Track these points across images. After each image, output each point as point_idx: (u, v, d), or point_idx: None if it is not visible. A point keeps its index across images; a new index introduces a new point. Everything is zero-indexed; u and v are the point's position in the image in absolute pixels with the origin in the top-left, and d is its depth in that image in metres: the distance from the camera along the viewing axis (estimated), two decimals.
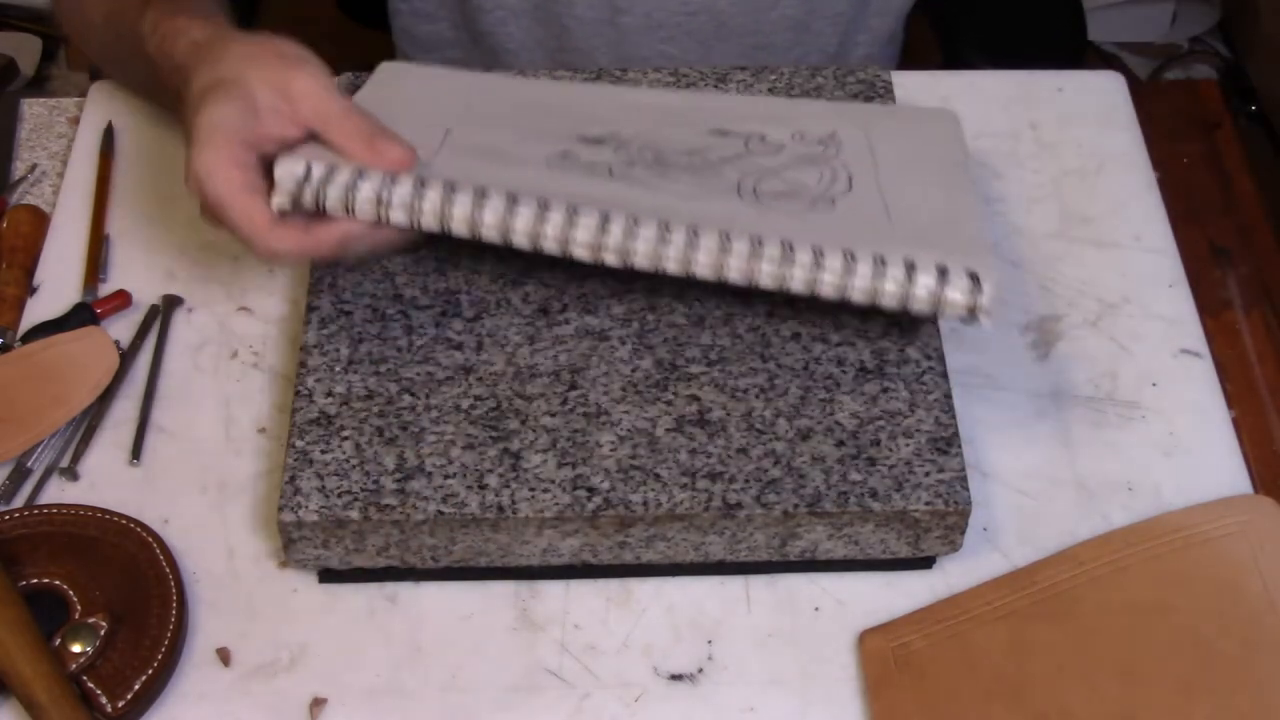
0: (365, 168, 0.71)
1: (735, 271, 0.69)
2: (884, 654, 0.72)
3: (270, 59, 0.72)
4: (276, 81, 0.71)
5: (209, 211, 0.71)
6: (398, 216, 0.71)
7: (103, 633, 0.69)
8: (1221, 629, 0.72)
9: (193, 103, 0.72)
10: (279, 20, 0.83)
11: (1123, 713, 0.69)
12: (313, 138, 0.72)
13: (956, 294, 0.69)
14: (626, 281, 0.79)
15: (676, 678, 0.71)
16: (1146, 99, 0.97)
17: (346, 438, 0.73)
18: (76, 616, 0.70)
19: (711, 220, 0.70)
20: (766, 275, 0.69)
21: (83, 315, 0.83)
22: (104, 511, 0.75)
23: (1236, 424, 0.81)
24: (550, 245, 0.70)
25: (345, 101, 0.73)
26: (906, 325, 0.77)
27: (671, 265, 0.70)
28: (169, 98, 0.77)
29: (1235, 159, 0.95)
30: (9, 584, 0.68)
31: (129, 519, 0.75)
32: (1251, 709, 0.70)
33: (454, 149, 0.76)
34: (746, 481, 0.72)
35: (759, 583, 0.74)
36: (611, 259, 0.70)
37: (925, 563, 0.75)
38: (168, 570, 0.73)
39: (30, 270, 0.87)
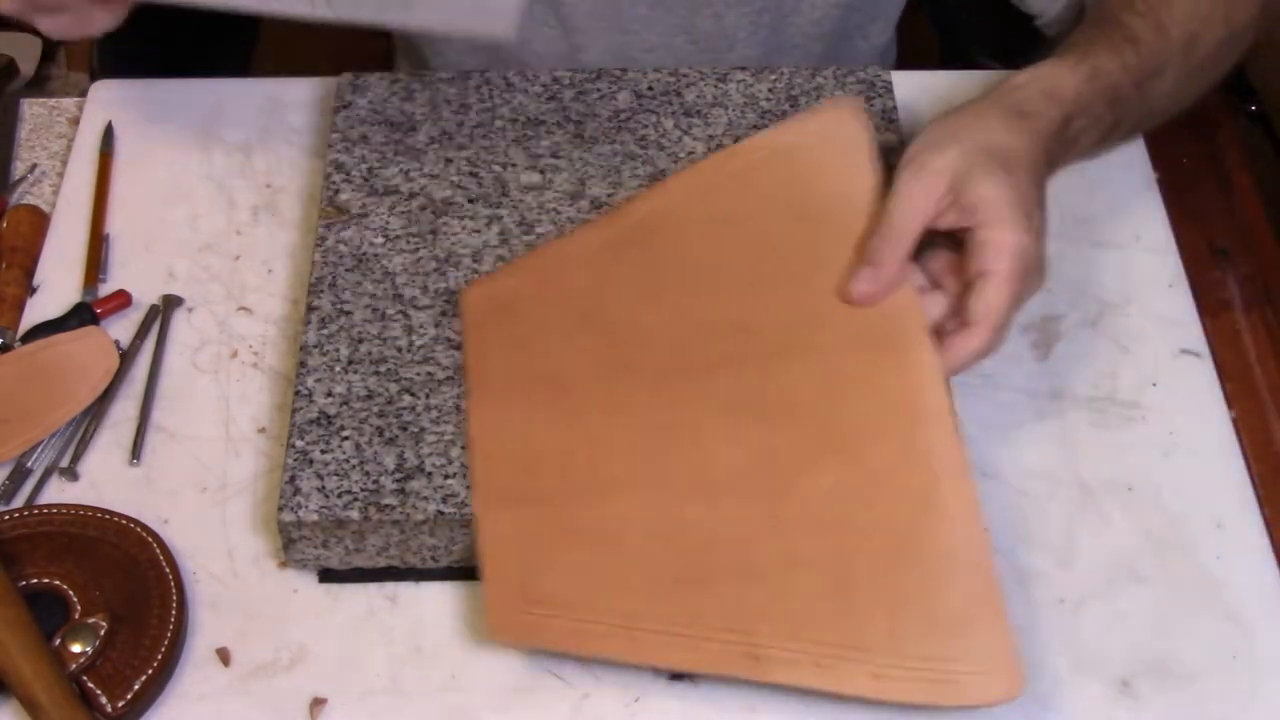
0: None
1: None
2: (481, 302, 0.75)
3: None
4: None
5: None
6: None
7: (103, 633, 0.69)
8: (792, 228, 0.75)
9: None
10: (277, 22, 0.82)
11: (689, 315, 0.73)
12: None
13: None
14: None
15: (676, 678, 0.71)
16: None
17: (346, 438, 0.73)
18: (76, 616, 0.70)
19: None
20: None
21: (83, 315, 0.83)
22: (104, 511, 0.75)
23: (1236, 424, 0.81)
24: None
25: None
26: None
27: None
28: None
29: (1235, 159, 0.95)
30: (9, 584, 0.68)
31: (129, 519, 0.75)
32: (816, 299, 0.72)
33: None
34: None
35: None
36: None
37: None
38: (168, 570, 0.73)
39: (30, 270, 0.87)
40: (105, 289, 0.86)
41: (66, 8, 0.75)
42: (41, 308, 0.85)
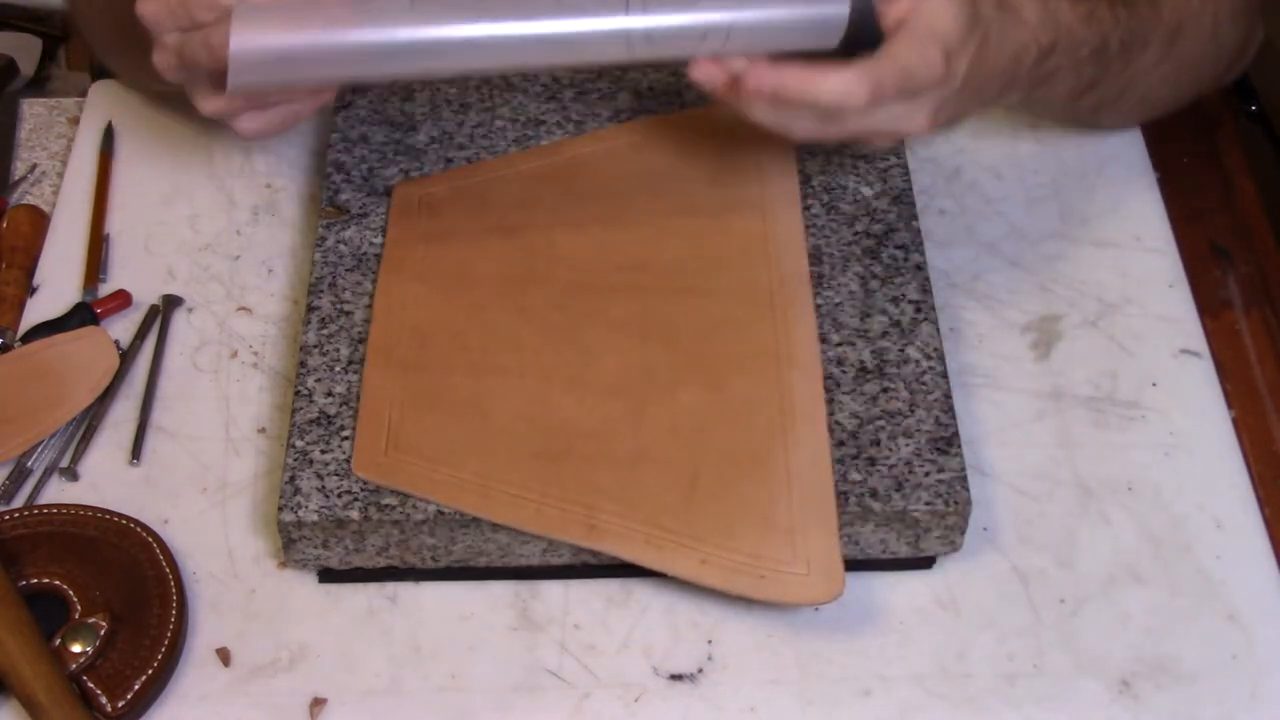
0: None
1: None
2: (411, 198, 0.82)
3: None
4: None
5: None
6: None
7: (103, 633, 0.69)
8: (708, 190, 0.82)
9: None
10: None
11: (601, 245, 0.80)
12: None
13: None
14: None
15: (676, 678, 0.71)
16: None
17: (346, 438, 0.73)
18: (76, 616, 0.70)
19: None
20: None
21: (83, 315, 0.83)
22: (104, 511, 0.75)
23: (1236, 424, 0.81)
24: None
25: None
26: (906, 325, 0.78)
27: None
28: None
29: (1235, 159, 0.95)
30: (9, 584, 0.68)
31: (129, 519, 0.75)
32: (717, 255, 0.79)
33: None
34: None
35: None
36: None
37: (925, 563, 0.75)
38: (168, 570, 0.73)
39: (30, 270, 0.87)
40: (105, 289, 0.86)
41: (275, 104, 0.72)
42: (41, 308, 0.85)
